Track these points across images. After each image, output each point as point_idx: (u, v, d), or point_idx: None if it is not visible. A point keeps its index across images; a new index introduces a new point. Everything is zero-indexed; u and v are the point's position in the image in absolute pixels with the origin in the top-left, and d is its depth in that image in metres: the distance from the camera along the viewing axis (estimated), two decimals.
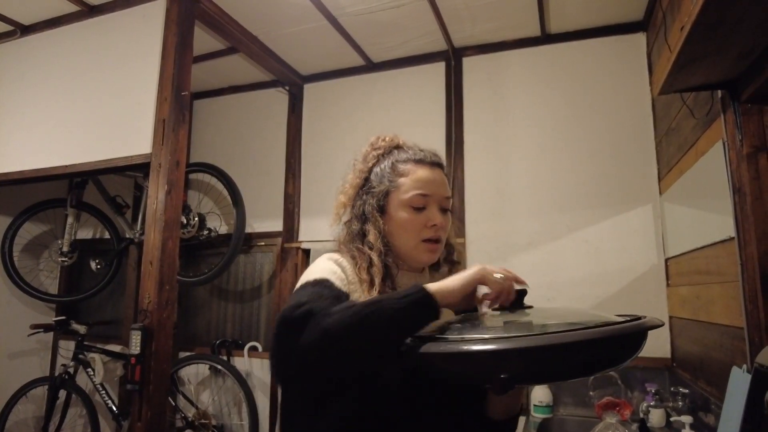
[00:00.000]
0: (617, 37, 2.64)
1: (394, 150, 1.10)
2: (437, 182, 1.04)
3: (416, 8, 2.52)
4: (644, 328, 0.69)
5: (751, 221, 1.44)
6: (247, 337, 3.21)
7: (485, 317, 0.84)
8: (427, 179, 1.03)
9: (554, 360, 0.67)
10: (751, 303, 1.44)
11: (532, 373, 0.69)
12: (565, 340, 0.64)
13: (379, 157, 1.10)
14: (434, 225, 1.01)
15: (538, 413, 2.37)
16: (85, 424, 3.28)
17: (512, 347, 0.65)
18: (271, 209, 3.26)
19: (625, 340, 0.69)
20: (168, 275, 2.12)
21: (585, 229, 2.56)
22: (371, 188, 1.06)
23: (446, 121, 2.92)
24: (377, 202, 1.04)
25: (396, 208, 1.03)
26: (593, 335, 0.65)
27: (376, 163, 1.09)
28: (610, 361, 0.71)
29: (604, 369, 0.73)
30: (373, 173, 1.08)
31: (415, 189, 1.02)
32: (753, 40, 1.27)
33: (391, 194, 1.04)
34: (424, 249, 1.02)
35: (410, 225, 1.01)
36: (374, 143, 1.13)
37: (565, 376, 0.74)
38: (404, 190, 1.03)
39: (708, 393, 1.80)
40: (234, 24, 2.63)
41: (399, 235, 1.03)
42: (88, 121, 2.47)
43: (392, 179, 1.04)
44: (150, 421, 1.99)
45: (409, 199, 1.02)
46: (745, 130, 1.48)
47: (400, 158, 1.07)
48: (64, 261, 3.24)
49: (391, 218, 1.03)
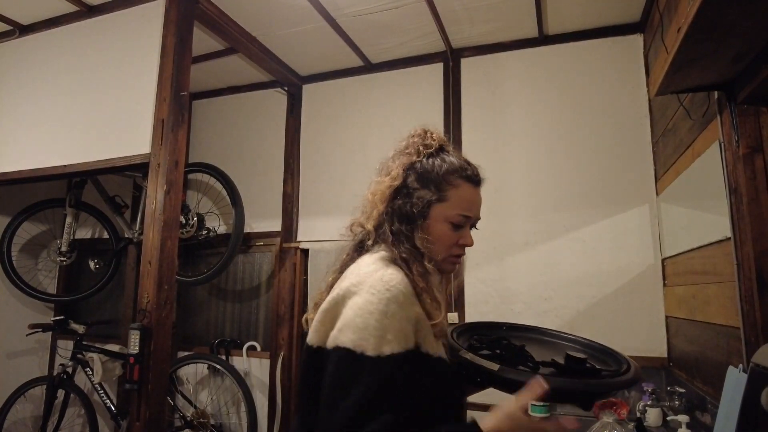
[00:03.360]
0: (614, 39, 2.65)
1: (441, 152, 1.07)
2: (478, 204, 1.06)
3: (414, 9, 2.53)
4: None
5: (747, 222, 1.45)
6: (245, 336, 3.21)
7: None
8: (472, 200, 1.04)
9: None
10: (747, 303, 1.45)
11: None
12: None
13: (426, 154, 1.06)
14: (465, 244, 1.04)
15: (535, 412, 2.37)
16: (83, 424, 3.28)
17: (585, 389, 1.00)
18: (269, 209, 3.26)
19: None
20: (167, 275, 2.12)
21: (582, 229, 2.57)
22: (415, 188, 1.02)
23: (444, 121, 2.92)
24: (422, 208, 1.01)
25: (438, 220, 1.02)
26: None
27: (422, 159, 1.05)
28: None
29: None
30: (418, 169, 1.04)
31: (461, 209, 1.02)
32: (749, 41, 1.28)
33: (435, 205, 1.02)
34: (450, 262, 1.05)
35: (447, 240, 1.02)
36: (423, 136, 1.09)
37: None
38: (450, 205, 1.02)
39: (704, 392, 1.80)
40: (233, 24, 2.63)
41: (433, 245, 1.01)
42: (87, 121, 2.47)
43: (441, 189, 1.02)
44: (148, 420, 1.99)
45: (453, 216, 1.02)
46: (741, 131, 1.49)
47: (451, 168, 1.04)
48: (63, 261, 3.24)
49: (429, 226, 1.02)
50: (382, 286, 0.90)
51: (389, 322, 0.87)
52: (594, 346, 1.15)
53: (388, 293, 0.89)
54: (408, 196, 1.02)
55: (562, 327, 2.51)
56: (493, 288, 2.64)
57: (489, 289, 2.50)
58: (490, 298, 2.61)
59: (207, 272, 3.02)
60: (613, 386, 0.97)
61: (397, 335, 0.87)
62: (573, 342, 1.19)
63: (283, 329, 3.06)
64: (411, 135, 1.11)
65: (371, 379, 0.83)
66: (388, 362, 0.84)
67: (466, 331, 1.16)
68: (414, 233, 1.00)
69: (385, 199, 1.02)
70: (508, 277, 2.63)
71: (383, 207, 1.02)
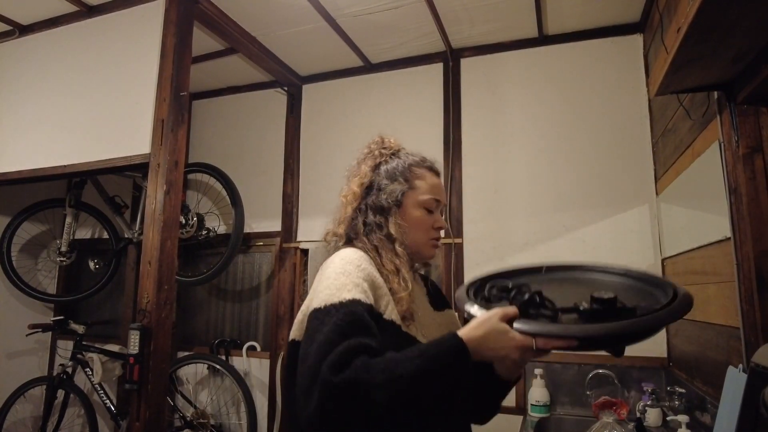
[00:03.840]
0: (614, 39, 2.66)
1: (400, 152, 1.21)
2: (443, 190, 1.20)
3: (414, 9, 2.53)
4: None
5: (747, 222, 1.45)
6: (245, 336, 3.21)
7: None
8: (439, 187, 1.18)
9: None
10: (746, 303, 1.45)
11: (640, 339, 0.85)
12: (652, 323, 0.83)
13: (387, 156, 1.19)
14: (440, 227, 1.16)
15: (535, 413, 2.38)
16: (83, 424, 3.28)
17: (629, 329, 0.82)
18: (269, 209, 3.26)
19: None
20: (167, 275, 2.12)
21: (582, 229, 2.57)
22: (385, 184, 1.14)
23: (444, 121, 2.92)
24: (395, 198, 1.12)
25: (412, 207, 1.13)
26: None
27: (384, 161, 1.18)
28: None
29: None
30: (383, 169, 1.16)
31: (431, 194, 1.15)
32: (749, 41, 1.28)
33: (407, 193, 1.14)
34: (432, 245, 1.15)
35: (423, 224, 1.13)
36: (381, 143, 1.22)
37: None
38: (421, 192, 1.14)
39: (704, 392, 1.80)
40: (233, 25, 2.63)
41: (411, 231, 1.12)
42: (86, 121, 2.47)
43: (409, 180, 1.14)
44: (148, 420, 1.99)
45: (425, 201, 1.14)
46: (741, 131, 1.49)
47: (413, 161, 1.18)
48: (63, 261, 3.24)
49: (405, 215, 1.13)
50: (339, 260, 1.02)
51: (346, 278, 0.97)
52: (647, 279, 1.01)
53: (345, 260, 1.02)
54: (379, 190, 1.13)
55: None
56: None
57: None
58: None
59: (207, 272, 3.02)
60: (639, 327, 0.83)
61: (356, 287, 0.96)
62: (623, 275, 1.04)
63: (283, 329, 3.06)
64: (370, 143, 1.23)
65: (337, 317, 0.90)
66: (351, 303, 0.92)
67: (489, 280, 1.05)
68: (388, 222, 1.10)
69: (357, 198, 1.14)
70: None
71: (356, 204, 1.14)
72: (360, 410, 0.80)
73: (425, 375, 0.82)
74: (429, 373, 0.82)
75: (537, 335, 0.84)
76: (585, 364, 2.44)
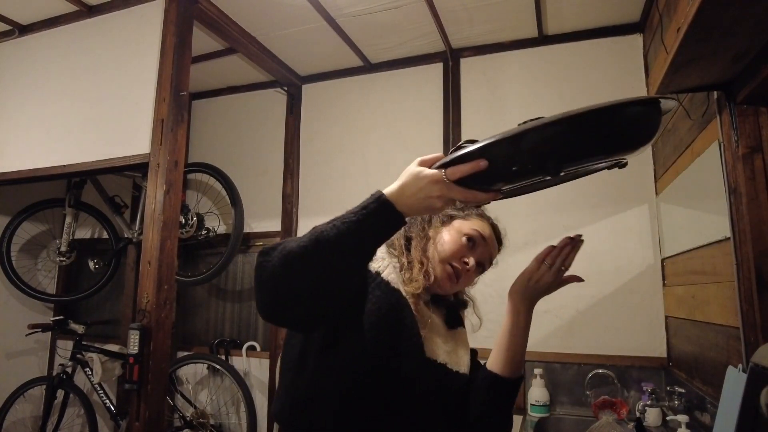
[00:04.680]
0: (614, 39, 2.65)
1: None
2: (493, 242, 1.17)
3: (414, 9, 2.53)
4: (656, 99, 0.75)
5: (747, 221, 1.45)
6: (245, 336, 3.21)
7: None
8: (489, 233, 1.16)
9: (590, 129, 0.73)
10: (746, 303, 1.45)
11: (573, 144, 0.74)
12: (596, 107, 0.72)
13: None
14: (466, 263, 1.10)
15: (534, 412, 2.38)
16: (83, 424, 3.28)
17: (558, 119, 0.71)
18: (269, 209, 3.26)
19: (647, 110, 0.76)
20: (166, 275, 2.12)
21: (581, 229, 2.56)
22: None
23: (444, 121, 2.92)
24: (447, 216, 1.16)
25: (454, 228, 1.13)
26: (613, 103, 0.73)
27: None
28: (632, 135, 0.77)
29: (627, 145, 0.78)
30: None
31: (479, 228, 1.14)
32: (749, 41, 1.28)
33: (457, 218, 1.15)
34: (446, 270, 1.10)
35: (455, 246, 1.10)
36: None
37: (601, 149, 0.78)
38: (470, 223, 1.14)
39: (704, 392, 1.80)
40: (232, 24, 2.63)
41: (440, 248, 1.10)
42: (86, 121, 2.47)
43: (465, 211, 1.17)
44: (148, 420, 1.99)
45: (468, 230, 1.13)
46: (740, 131, 1.49)
47: (479, 212, 1.20)
48: (63, 261, 3.24)
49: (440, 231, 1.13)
50: None
51: None
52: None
53: None
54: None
55: (561, 327, 2.52)
56: (493, 288, 2.64)
57: (489, 289, 2.49)
58: (490, 298, 2.61)
59: (207, 272, 3.02)
60: (547, 123, 0.71)
61: None
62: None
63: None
64: None
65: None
66: None
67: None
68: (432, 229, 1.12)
69: None
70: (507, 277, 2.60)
71: None
72: (279, 256, 0.82)
73: (345, 222, 0.81)
74: (349, 221, 0.81)
75: (445, 165, 0.80)
76: (585, 364, 2.44)
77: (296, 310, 0.86)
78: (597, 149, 0.76)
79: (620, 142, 0.76)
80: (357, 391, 0.94)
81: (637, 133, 0.77)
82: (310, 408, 0.95)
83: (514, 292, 1.11)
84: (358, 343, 0.94)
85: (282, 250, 0.82)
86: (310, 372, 0.96)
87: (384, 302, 0.98)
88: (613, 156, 0.80)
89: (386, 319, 0.96)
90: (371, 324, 0.95)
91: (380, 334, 0.95)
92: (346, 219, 0.82)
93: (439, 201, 0.82)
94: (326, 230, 0.81)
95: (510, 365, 1.08)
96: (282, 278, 0.81)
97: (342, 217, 0.83)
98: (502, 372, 1.08)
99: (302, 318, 0.89)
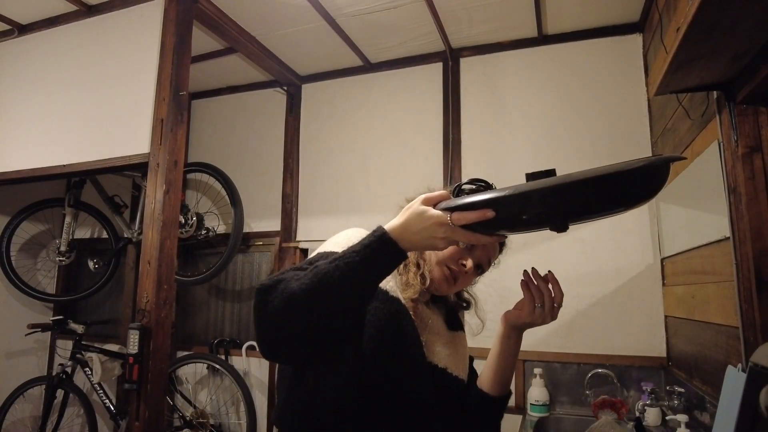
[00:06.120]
0: (614, 38, 2.66)
1: None
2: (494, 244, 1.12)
3: (414, 9, 2.53)
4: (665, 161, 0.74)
5: (746, 221, 1.45)
6: (245, 336, 3.21)
7: None
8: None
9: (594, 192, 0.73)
10: (746, 302, 1.45)
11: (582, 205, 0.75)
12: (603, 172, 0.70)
13: None
14: (464, 265, 1.07)
15: (534, 412, 2.38)
16: (82, 424, 3.28)
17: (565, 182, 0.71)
18: (268, 209, 3.26)
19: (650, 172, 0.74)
20: (166, 275, 2.12)
21: (581, 228, 2.57)
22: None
23: (443, 121, 2.92)
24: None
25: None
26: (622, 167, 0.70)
27: None
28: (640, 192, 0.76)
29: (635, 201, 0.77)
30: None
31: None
32: (748, 41, 1.28)
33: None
34: (443, 273, 1.07)
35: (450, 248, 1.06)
36: None
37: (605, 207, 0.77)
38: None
39: (703, 392, 1.81)
40: (232, 24, 2.63)
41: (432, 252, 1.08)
42: (86, 120, 2.47)
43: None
44: (148, 420, 1.99)
45: None
46: (740, 131, 1.49)
47: None
48: (62, 260, 3.24)
49: None
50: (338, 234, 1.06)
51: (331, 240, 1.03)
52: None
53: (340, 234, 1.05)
54: None
55: (560, 327, 2.52)
56: (493, 288, 2.64)
57: (488, 289, 2.49)
58: (490, 297, 2.61)
59: (206, 272, 3.02)
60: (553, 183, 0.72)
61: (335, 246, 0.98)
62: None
63: None
64: None
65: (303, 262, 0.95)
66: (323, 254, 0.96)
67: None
68: None
69: None
70: (507, 277, 2.60)
71: None
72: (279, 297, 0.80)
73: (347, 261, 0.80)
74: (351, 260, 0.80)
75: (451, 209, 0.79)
76: (584, 364, 2.44)
77: (300, 350, 0.86)
78: (607, 208, 0.77)
79: (630, 200, 0.76)
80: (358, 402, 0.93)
81: (647, 191, 0.77)
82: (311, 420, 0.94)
83: (507, 321, 1.11)
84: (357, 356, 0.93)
85: (283, 292, 0.81)
86: (310, 383, 0.95)
87: (383, 313, 0.97)
88: (620, 211, 0.80)
89: (385, 330, 0.96)
90: (370, 336, 0.94)
91: (379, 346, 0.94)
92: (348, 258, 0.81)
93: (442, 242, 0.82)
94: (329, 271, 0.80)
95: (499, 386, 1.13)
96: (285, 321, 0.80)
97: (344, 256, 0.82)
98: (490, 391, 1.13)
99: (306, 356, 0.90)
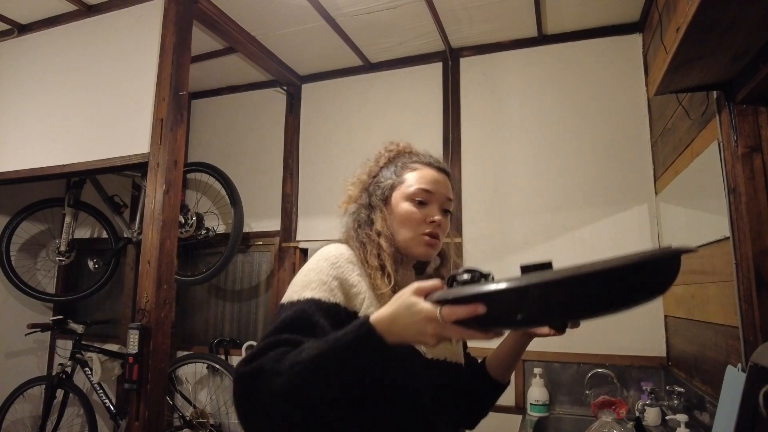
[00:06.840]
0: (613, 38, 2.66)
1: (406, 154, 1.17)
2: (441, 182, 1.09)
3: (414, 9, 2.53)
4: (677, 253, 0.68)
5: (746, 221, 1.45)
6: (244, 336, 3.21)
7: None
8: (431, 178, 1.08)
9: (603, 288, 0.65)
10: (745, 302, 1.45)
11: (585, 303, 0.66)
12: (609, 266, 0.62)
13: (390, 158, 1.16)
14: (433, 221, 1.05)
15: (534, 412, 2.38)
16: (82, 424, 3.27)
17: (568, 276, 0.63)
18: (268, 209, 3.26)
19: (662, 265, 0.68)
20: (166, 274, 2.12)
21: (581, 228, 2.57)
22: (379, 182, 1.12)
23: (443, 120, 2.92)
24: (383, 194, 1.09)
25: (399, 200, 1.07)
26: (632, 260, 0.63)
27: (387, 164, 1.16)
28: (649, 288, 0.68)
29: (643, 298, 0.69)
30: (382, 172, 1.14)
31: (419, 184, 1.07)
32: (748, 41, 1.28)
33: (396, 187, 1.09)
34: (422, 242, 1.05)
35: (411, 217, 1.05)
36: (387, 146, 1.20)
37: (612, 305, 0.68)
38: (409, 184, 1.08)
39: (703, 392, 1.81)
40: (232, 24, 2.63)
41: (400, 227, 1.06)
42: (85, 120, 2.47)
43: (399, 174, 1.10)
44: (148, 420, 2.00)
45: (412, 193, 1.06)
46: (740, 131, 1.49)
47: (412, 158, 1.13)
48: (62, 260, 3.24)
49: (393, 210, 1.07)
50: (317, 256, 1.00)
51: (315, 275, 0.95)
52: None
53: (321, 257, 1.00)
54: (374, 187, 1.12)
55: None
56: None
57: None
58: None
59: (206, 272, 3.02)
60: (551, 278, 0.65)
61: (321, 286, 0.93)
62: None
63: None
64: (380, 148, 1.21)
65: (287, 314, 0.89)
66: (307, 303, 0.91)
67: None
68: (375, 217, 1.07)
69: (354, 199, 1.14)
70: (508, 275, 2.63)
71: (353, 208, 1.13)
72: (261, 396, 0.77)
73: (329, 361, 0.77)
74: (334, 359, 0.77)
75: (442, 302, 0.73)
76: (584, 364, 2.44)
77: None
78: (611, 306, 0.67)
79: (636, 298, 0.67)
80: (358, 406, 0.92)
81: (656, 288, 0.69)
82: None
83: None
84: None
85: (266, 388, 0.77)
86: None
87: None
88: (625, 309, 0.69)
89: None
90: None
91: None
92: (327, 355, 0.77)
93: (432, 339, 0.76)
94: (307, 367, 0.76)
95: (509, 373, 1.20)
96: (268, 416, 0.78)
97: (325, 350, 0.78)
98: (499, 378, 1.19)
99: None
